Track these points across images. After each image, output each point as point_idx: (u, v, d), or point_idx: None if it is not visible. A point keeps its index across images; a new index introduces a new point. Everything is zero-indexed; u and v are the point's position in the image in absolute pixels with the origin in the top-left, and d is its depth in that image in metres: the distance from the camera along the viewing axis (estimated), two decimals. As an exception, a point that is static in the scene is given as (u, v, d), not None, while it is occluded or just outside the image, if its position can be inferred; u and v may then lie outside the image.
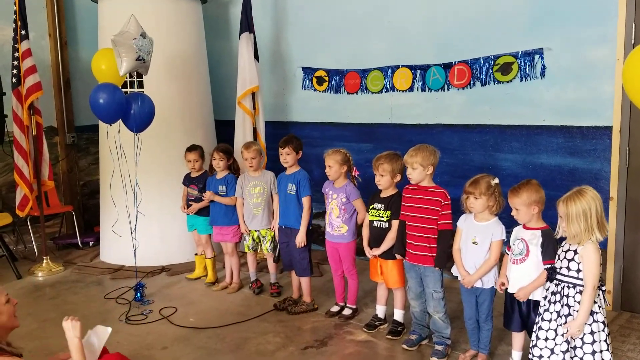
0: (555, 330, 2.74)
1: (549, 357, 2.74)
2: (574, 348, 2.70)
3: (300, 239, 4.18)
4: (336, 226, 4.05)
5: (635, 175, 4.01)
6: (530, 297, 3.07)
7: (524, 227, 3.11)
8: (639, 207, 4.01)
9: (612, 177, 4.06)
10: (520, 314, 3.14)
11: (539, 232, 3.03)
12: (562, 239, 2.84)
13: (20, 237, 6.05)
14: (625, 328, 3.89)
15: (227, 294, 4.72)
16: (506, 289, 3.20)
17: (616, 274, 4.12)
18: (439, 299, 3.53)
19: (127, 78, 4.96)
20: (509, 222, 3.27)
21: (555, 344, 2.73)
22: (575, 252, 2.73)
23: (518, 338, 3.26)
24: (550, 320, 2.77)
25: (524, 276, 3.08)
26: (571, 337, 2.71)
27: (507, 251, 3.24)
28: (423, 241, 3.51)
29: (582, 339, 2.68)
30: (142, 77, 5.17)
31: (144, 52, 4.14)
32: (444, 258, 3.45)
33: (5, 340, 2.36)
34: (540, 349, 2.77)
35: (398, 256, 3.66)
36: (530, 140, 4.43)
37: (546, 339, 2.76)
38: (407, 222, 3.58)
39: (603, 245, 4.05)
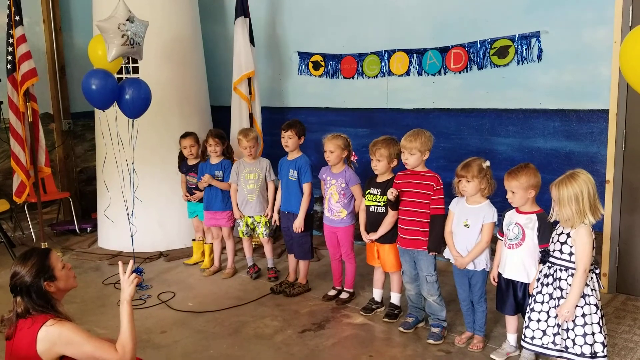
0: (547, 312, 2.76)
1: (540, 338, 2.77)
2: (567, 330, 2.72)
3: (298, 225, 4.19)
4: (335, 211, 4.06)
5: (631, 158, 4.02)
6: (524, 280, 3.10)
7: (517, 211, 3.13)
8: (635, 189, 4.03)
9: (609, 160, 4.07)
10: (515, 298, 3.17)
11: (534, 216, 3.05)
12: (557, 222, 2.85)
13: (18, 223, 6.06)
14: (620, 310, 3.92)
15: (223, 279, 4.74)
16: (500, 274, 3.23)
17: (612, 256, 4.14)
18: (432, 282, 3.55)
19: (122, 63, 4.93)
20: (501, 206, 3.29)
21: (548, 326, 2.75)
22: (568, 235, 2.74)
23: (512, 321, 3.29)
24: (542, 303, 2.79)
25: (520, 260, 3.10)
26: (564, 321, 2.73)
27: (499, 236, 3.25)
28: (416, 225, 3.53)
29: (574, 321, 2.70)
30: (137, 63, 5.14)
31: (138, 35, 4.11)
32: (438, 243, 3.47)
33: (61, 305, 2.48)
34: (533, 331, 2.80)
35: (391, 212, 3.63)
36: (527, 124, 4.43)
37: (538, 321, 2.79)
38: (400, 208, 3.59)
39: (599, 228, 4.07)
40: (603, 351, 2.67)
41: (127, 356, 2.40)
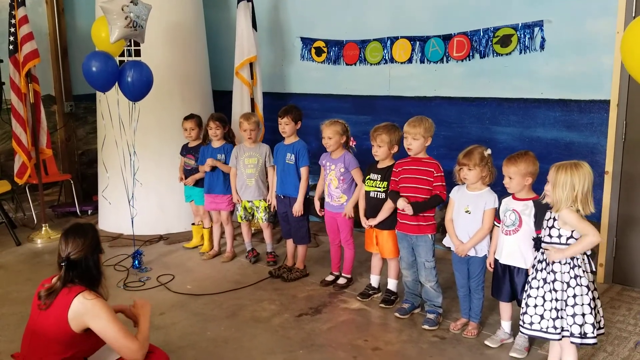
0: (543, 296, 2.79)
1: (539, 322, 2.80)
2: (561, 310, 2.75)
3: (298, 208, 4.21)
4: (336, 196, 4.08)
5: (631, 149, 4.02)
6: (520, 266, 3.12)
7: (514, 197, 3.15)
8: (634, 181, 4.04)
9: (608, 151, 4.07)
10: (511, 284, 3.19)
11: (530, 203, 3.07)
12: (548, 205, 2.87)
13: (20, 204, 6.09)
14: (615, 300, 3.95)
15: (222, 263, 4.77)
16: (496, 260, 3.25)
17: (609, 247, 4.16)
18: (430, 268, 3.57)
19: (125, 46, 4.93)
20: (501, 195, 3.30)
21: (545, 310, 2.78)
22: (555, 219, 2.77)
23: (507, 308, 3.32)
24: (538, 288, 2.81)
25: (516, 246, 3.13)
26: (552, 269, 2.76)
27: (496, 223, 3.27)
28: (417, 211, 3.54)
29: (565, 301, 2.73)
30: (139, 46, 5.14)
31: (141, 18, 4.11)
32: (423, 208, 3.48)
33: (105, 277, 2.65)
34: (531, 316, 2.82)
35: (401, 202, 3.55)
36: (528, 114, 4.42)
37: (535, 306, 2.81)
38: (400, 194, 3.60)
39: (597, 219, 4.09)
40: (593, 332, 2.69)
41: (144, 350, 2.55)
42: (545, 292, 2.78)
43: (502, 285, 3.25)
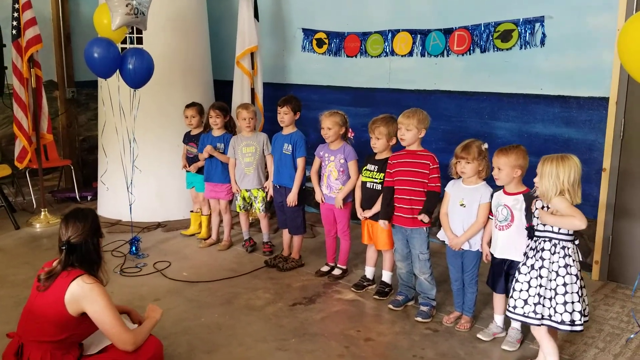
0: (529, 282, 2.85)
1: (522, 307, 2.85)
2: (550, 299, 2.78)
3: (292, 198, 4.23)
4: (335, 188, 4.09)
5: (628, 146, 4.03)
6: (515, 259, 3.14)
7: (505, 192, 3.17)
8: (631, 178, 4.04)
9: (606, 148, 4.07)
10: (506, 277, 3.22)
11: (521, 197, 3.09)
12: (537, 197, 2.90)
13: (19, 189, 6.12)
14: (609, 297, 3.96)
15: (218, 251, 4.80)
16: (491, 254, 3.27)
17: (604, 244, 4.17)
18: (425, 260, 3.59)
19: (127, 33, 4.94)
20: (497, 189, 3.31)
21: (529, 295, 2.84)
22: (547, 207, 2.80)
23: (500, 301, 3.34)
24: (526, 274, 2.87)
25: (510, 241, 3.15)
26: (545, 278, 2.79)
27: (490, 216, 3.29)
28: (412, 204, 3.55)
29: (555, 289, 2.77)
30: (141, 33, 5.15)
31: (143, 5, 4.12)
32: (428, 211, 3.50)
33: (105, 262, 2.70)
34: (515, 300, 2.88)
35: (382, 222, 3.69)
36: (527, 109, 4.42)
37: (520, 291, 2.87)
38: (396, 187, 3.61)
39: (593, 216, 4.10)
40: (580, 320, 2.75)
41: (136, 344, 2.58)
42: (531, 278, 2.84)
43: (497, 277, 3.28)
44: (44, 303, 2.50)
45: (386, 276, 3.94)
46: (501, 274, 3.25)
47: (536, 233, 2.85)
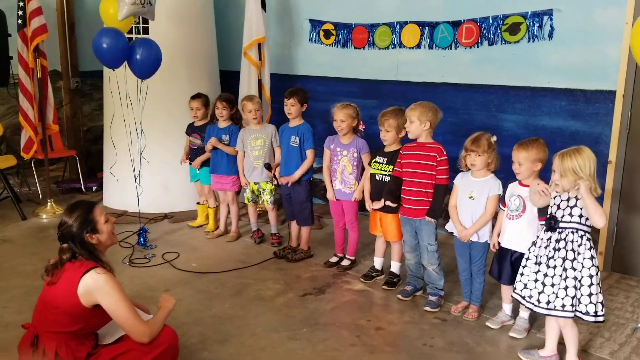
0: (535, 272, 2.89)
1: (523, 290, 2.95)
2: (565, 288, 2.80)
3: (291, 179, 4.26)
4: (349, 183, 4.11)
5: (634, 139, 4.06)
6: (521, 250, 3.17)
7: (520, 184, 3.20)
8: (636, 170, 4.08)
9: (612, 141, 4.10)
10: (512, 267, 3.25)
11: None
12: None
13: (25, 179, 6.13)
14: (614, 288, 4.01)
15: (227, 242, 4.83)
16: (499, 243, 3.32)
17: (609, 235, 4.22)
18: (433, 252, 3.63)
19: (133, 23, 4.93)
20: (503, 182, 3.35)
21: (557, 287, 2.84)
22: (576, 198, 2.81)
23: (508, 291, 3.38)
24: (539, 264, 2.89)
25: (519, 231, 3.19)
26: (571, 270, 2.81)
27: (501, 207, 3.33)
28: (420, 195, 3.58)
29: (580, 280, 2.79)
30: (147, 23, 5.14)
31: (150, -5, 4.12)
32: (438, 210, 3.54)
33: (103, 256, 2.64)
34: (547, 295, 2.86)
35: (388, 203, 3.71)
36: (534, 102, 4.45)
37: (525, 276, 2.94)
38: (404, 179, 3.65)
39: (599, 207, 4.13)
40: (602, 310, 2.80)
41: (151, 335, 2.56)
42: (548, 268, 2.85)
43: (503, 267, 3.32)
44: (57, 294, 2.51)
45: (395, 267, 3.98)
46: (506, 264, 3.29)
47: (561, 224, 2.84)
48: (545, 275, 2.86)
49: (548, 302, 2.85)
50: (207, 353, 3.11)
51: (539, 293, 2.88)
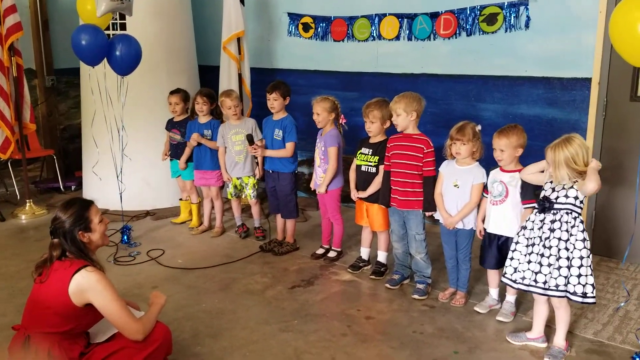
0: (529, 253, 2.95)
1: (514, 273, 3.02)
2: (558, 268, 2.86)
3: (265, 154, 4.32)
4: (319, 175, 4.15)
5: (610, 126, 4.17)
6: (507, 234, 3.24)
7: (502, 170, 3.28)
8: (613, 156, 4.18)
9: (589, 128, 4.21)
10: (498, 252, 3.33)
11: (517, 174, 3.21)
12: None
13: (2, 180, 6.00)
14: (595, 270, 3.94)
15: (211, 238, 4.82)
16: (485, 229, 3.38)
17: (588, 219, 4.33)
18: (421, 241, 3.68)
19: (111, 20, 4.87)
20: (487, 169, 3.42)
21: (528, 267, 2.93)
22: (576, 181, 2.85)
23: (494, 276, 3.46)
24: (530, 245, 2.95)
25: (503, 216, 3.27)
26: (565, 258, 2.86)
27: (484, 194, 3.40)
28: (407, 186, 3.63)
29: (571, 260, 2.84)
30: (125, 19, 5.07)
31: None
32: (433, 202, 3.58)
33: (94, 255, 2.62)
34: (545, 275, 2.91)
35: (384, 206, 3.78)
36: (512, 91, 4.53)
37: (517, 259, 3.01)
38: (392, 170, 3.69)
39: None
40: (593, 292, 2.85)
41: (145, 332, 2.55)
42: (539, 250, 2.90)
43: (488, 253, 3.39)
44: (47, 294, 2.49)
45: (381, 256, 4.03)
46: (492, 249, 3.37)
47: (556, 206, 2.88)
48: (542, 255, 2.91)
49: (545, 282, 2.90)
50: (200, 347, 3.12)
51: (535, 273, 2.92)
